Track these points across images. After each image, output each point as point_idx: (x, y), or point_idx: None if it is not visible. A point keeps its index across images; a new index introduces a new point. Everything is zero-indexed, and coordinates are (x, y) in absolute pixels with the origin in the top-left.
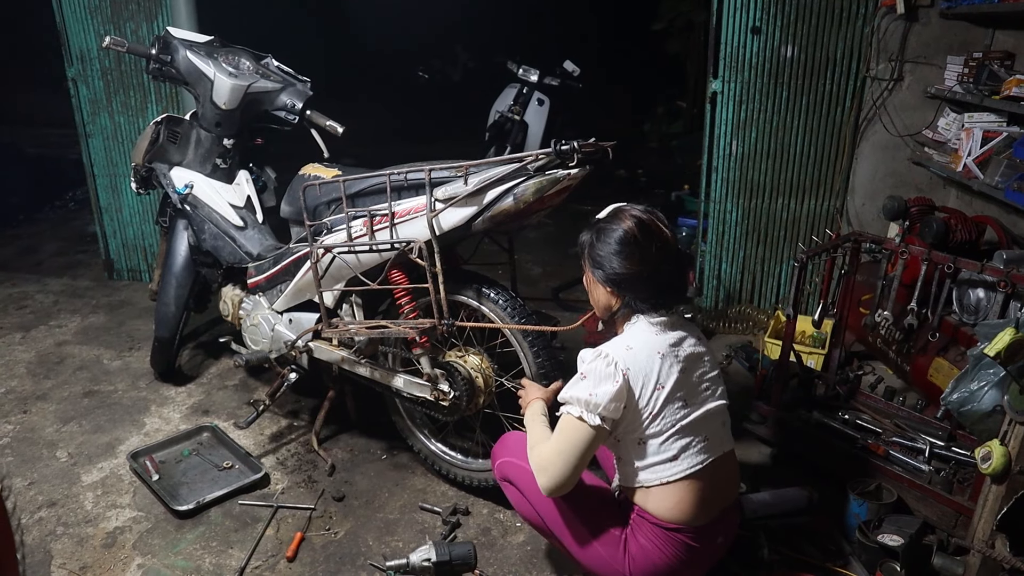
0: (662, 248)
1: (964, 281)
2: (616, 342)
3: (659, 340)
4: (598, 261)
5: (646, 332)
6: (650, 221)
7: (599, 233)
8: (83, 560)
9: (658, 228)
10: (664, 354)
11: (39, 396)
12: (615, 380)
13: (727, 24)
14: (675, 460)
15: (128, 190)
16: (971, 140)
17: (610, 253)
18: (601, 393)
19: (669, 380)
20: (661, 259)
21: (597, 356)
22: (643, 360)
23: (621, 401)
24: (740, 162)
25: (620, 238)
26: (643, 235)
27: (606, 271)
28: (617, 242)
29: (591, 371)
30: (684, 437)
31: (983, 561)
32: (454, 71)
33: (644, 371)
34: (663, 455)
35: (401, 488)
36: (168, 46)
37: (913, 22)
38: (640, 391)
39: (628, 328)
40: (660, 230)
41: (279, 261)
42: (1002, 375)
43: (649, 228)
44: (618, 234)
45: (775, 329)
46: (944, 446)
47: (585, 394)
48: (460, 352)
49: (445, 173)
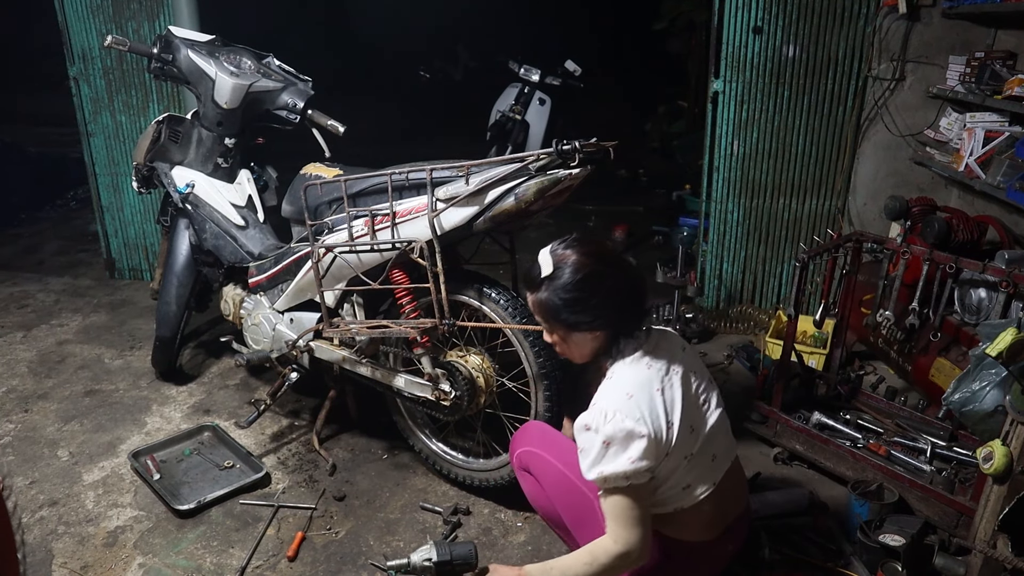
0: (611, 269)
1: (966, 281)
2: (614, 394)
3: (651, 374)
4: (568, 311)
5: (636, 371)
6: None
7: (552, 287)
8: (84, 559)
9: (596, 253)
10: (662, 388)
11: (40, 395)
12: (640, 435)
13: (729, 24)
14: (688, 488)
15: (129, 189)
16: (973, 140)
17: (576, 297)
18: (636, 454)
19: (675, 413)
20: (616, 281)
21: (607, 417)
22: (648, 403)
23: (655, 450)
24: (741, 162)
25: (577, 276)
26: (590, 265)
27: (581, 316)
28: (577, 282)
29: (612, 436)
30: (696, 465)
31: (985, 561)
32: (455, 71)
33: (655, 412)
34: (677, 486)
35: (402, 488)
36: (170, 45)
37: (915, 22)
38: (659, 433)
39: (614, 369)
40: (598, 256)
41: (280, 260)
42: (1004, 375)
43: (589, 257)
44: (572, 275)
45: (776, 329)
46: (946, 446)
47: (625, 464)
48: (461, 352)
49: (446, 173)
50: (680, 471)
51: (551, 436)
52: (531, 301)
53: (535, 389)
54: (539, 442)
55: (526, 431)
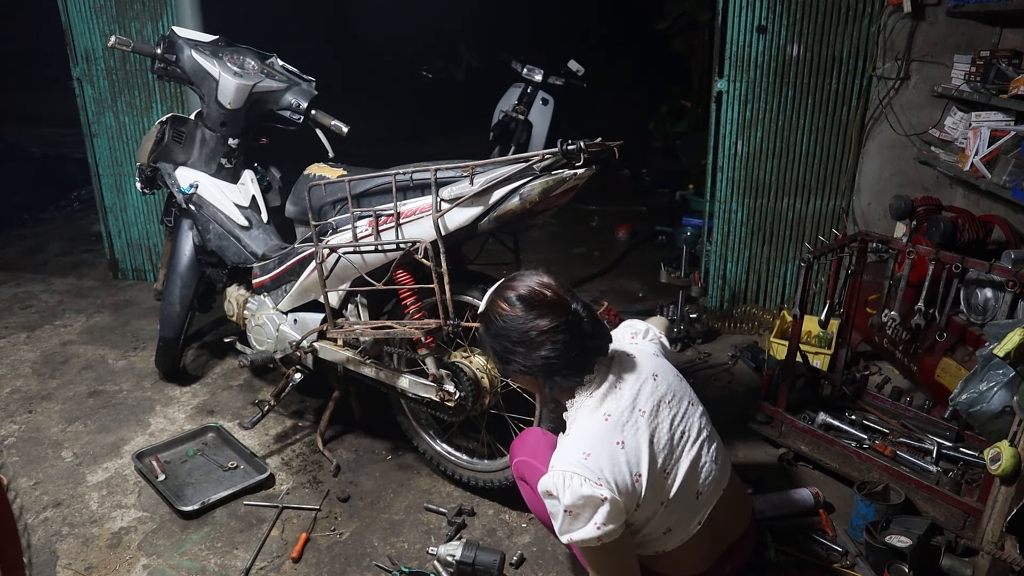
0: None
1: (972, 281)
2: (569, 455)
3: (610, 426)
4: (498, 356)
5: (592, 424)
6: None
7: (485, 332)
8: (88, 560)
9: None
10: (623, 440)
11: (44, 396)
12: (603, 498)
13: (733, 23)
14: (669, 532)
15: (133, 190)
16: (978, 139)
17: (502, 345)
18: (601, 519)
19: (642, 464)
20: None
21: (566, 483)
22: (608, 460)
23: (622, 509)
24: (745, 161)
25: (500, 324)
26: (526, 306)
27: (511, 362)
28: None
29: (574, 504)
30: (675, 509)
31: (992, 563)
32: (458, 70)
33: (616, 471)
34: (656, 531)
35: (406, 489)
36: (173, 45)
37: (920, 20)
38: (624, 490)
39: (570, 421)
40: (543, 289)
41: (284, 261)
42: (1011, 375)
43: (527, 296)
44: (497, 322)
45: (781, 329)
46: (952, 447)
47: (593, 530)
48: (465, 352)
49: (451, 173)
50: (657, 517)
51: (548, 443)
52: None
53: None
54: (534, 451)
55: (523, 439)
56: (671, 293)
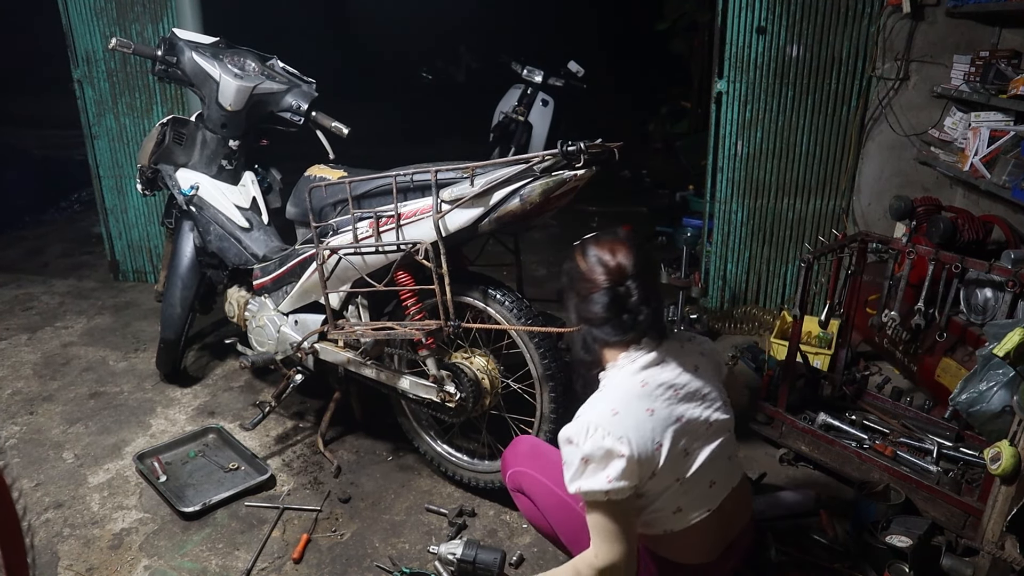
0: (617, 274)
1: (972, 281)
2: (599, 408)
3: (644, 392)
4: (561, 296)
5: (628, 384)
6: (601, 248)
7: (564, 269)
8: (90, 561)
9: (612, 254)
10: (654, 409)
11: (45, 397)
12: (620, 455)
13: (732, 24)
14: (680, 512)
15: (133, 191)
16: (978, 139)
17: (566, 286)
18: (614, 474)
19: (666, 435)
20: (616, 288)
21: (588, 432)
22: (635, 421)
23: (635, 470)
24: (745, 162)
25: (573, 269)
26: (594, 262)
27: (565, 305)
28: (570, 274)
29: (591, 454)
30: (689, 489)
31: (993, 562)
32: (458, 72)
33: (640, 434)
34: (667, 508)
35: (407, 489)
36: (174, 47)
37: (919, 21)
38: (641, 454)
39: (607, 378)
40: (614, 256)
41: (285, 262)
42: (1011, 375)
43: (600, 256)
44: (571, 266)
45: (781, 329)
46: (952, 447)
47: (603, 483)
48: (466, 353)
49: (451, 174)
50: (670, 493)
51: (541, 452)
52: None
53: (540, 390)
54: (529, 461)
55: (515, 450)
56: (671, 294)
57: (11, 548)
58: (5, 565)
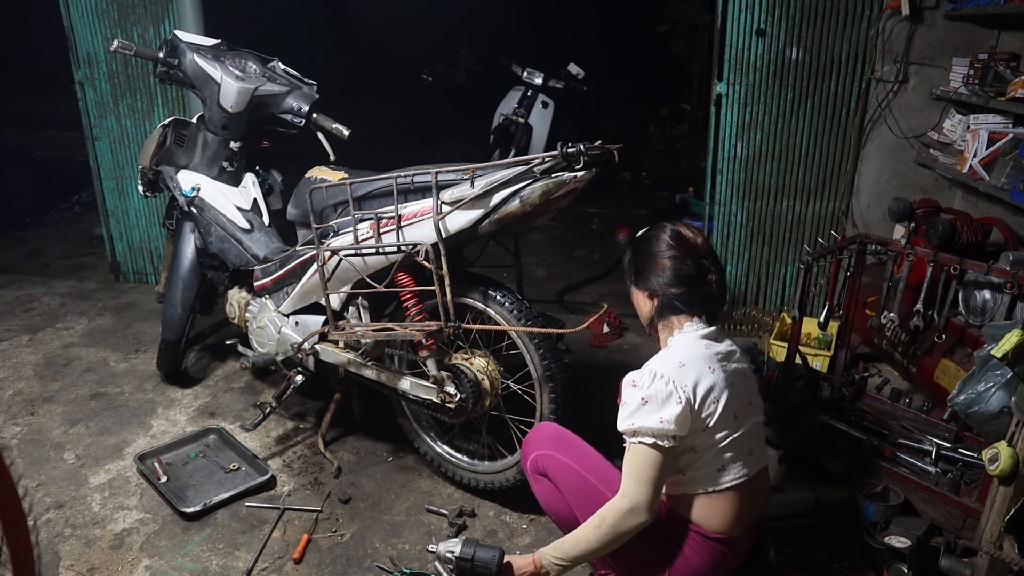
0: (693, 251)
1: (970, 282)
2: (666, 359)
3: (708, 354)
4: (634, 267)
5: (693, 345)
6: (681, 227)
7: (636, 244)
8: (91, 562)
9: (690, 233)
10: (714, 368)
11: (46, 398)
12: (678, 401)
13: (732, 26)
14: (722, 471)
15: (134, 193)
16: (977, 141)
17: (643, 258)
18: (669, 416)
19: (723, 395)
20: (694, 262)
21: (654, 378)
22: (697, 375)
23: (687, 420)
24: (745, 164)
25: (653, 243)
26: (674, 239)
27: (640, 275)
28: (650, 248)
29: (653, 395)
30: (731, 450)
31: (991, 563)
32: (458, 74)
33: (701, 386)
34: (712, 466)
35: (407, 490)
36: (175, 49)
37: (918, 24)
38: (699, 406)
39: (672, 340)
40: (692, 235)
41: (285, 264)
42: (1009, 376)
43: (680, 233)
44: (651, 241)
45: (780, 331)
46: (951, 447)
47: (655, 422)
48: (466, 354)
49: (452, 176)
50: (717, 450)
51: (566, 438)
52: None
53: (540, 391)
54: (554, 445)
55: (540, 434)
56: None
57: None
58: (12, 563)
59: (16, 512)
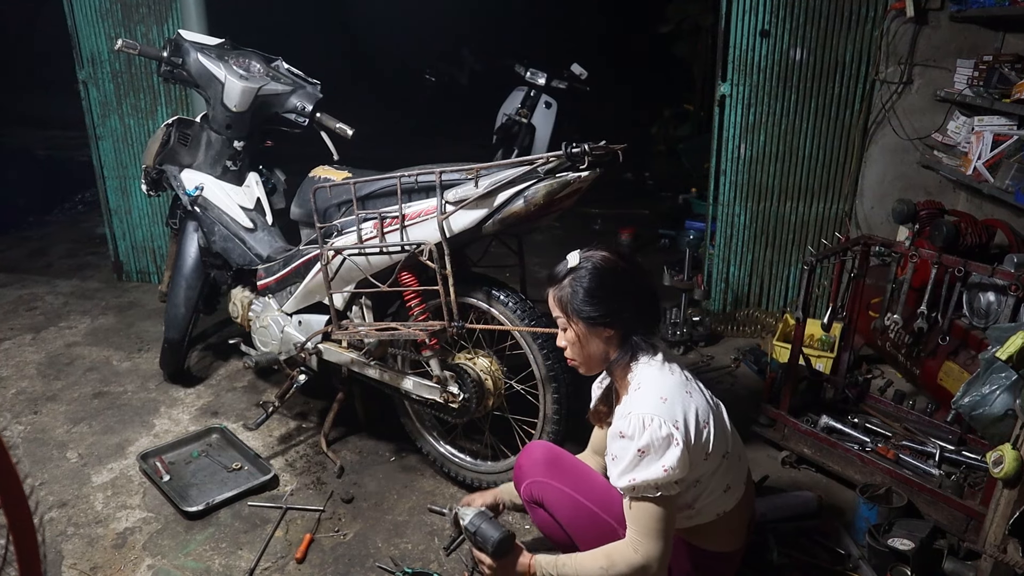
0: (633, 271)
1: (974, 285)
2: (646, 399)
3: (678, 379)
4: (586, 303)
5: (661, 374)
6: (612, 251)
7: (575, 280)
8: (94, 560)
9: (622, 255)
10: (691, 391)
11: (49, 397)
12: (677, 443)
13: (736, 27)
14: (729, 490)
15: (138, 192)
16: (981, 143)
17: (595, 288)
18: (671, 463)
19: (708, 415)
20: (637, 282)
21: (644, 424)
22: (683, 406)
23: (688, 459)
24: (748, 165)
25: (599, 268)
26: (616, 263)
27: (598, 309)
28: (598, 274)
29: (649, 444)
30: (733, 465)
31: (995, 566)
32: (461, 74)
33: (691, 416)
34: (719, 489)
35: (410, 490)
36: (179, 49)
37: (923, 25)
38: (695, 439)
39: (634, 377)
40: (623, 257)
41: (289, 263)
42: (1014, 379)
43: (616, 257)
44: (595, 268)
45: (784, 332)
46: (954, 450)
47: (658, 472)
48: (469, 354)
49: (455, 176)
50: (721, 471)
51: (559, 460)
52: (552, 297)
53: (543, 391)
54: (547, 471)
55: (531, 458)
56: (674, 296)
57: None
58: (19, 562)
59: (23, 512)
